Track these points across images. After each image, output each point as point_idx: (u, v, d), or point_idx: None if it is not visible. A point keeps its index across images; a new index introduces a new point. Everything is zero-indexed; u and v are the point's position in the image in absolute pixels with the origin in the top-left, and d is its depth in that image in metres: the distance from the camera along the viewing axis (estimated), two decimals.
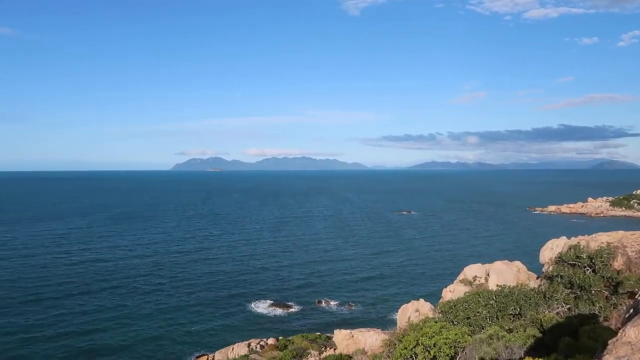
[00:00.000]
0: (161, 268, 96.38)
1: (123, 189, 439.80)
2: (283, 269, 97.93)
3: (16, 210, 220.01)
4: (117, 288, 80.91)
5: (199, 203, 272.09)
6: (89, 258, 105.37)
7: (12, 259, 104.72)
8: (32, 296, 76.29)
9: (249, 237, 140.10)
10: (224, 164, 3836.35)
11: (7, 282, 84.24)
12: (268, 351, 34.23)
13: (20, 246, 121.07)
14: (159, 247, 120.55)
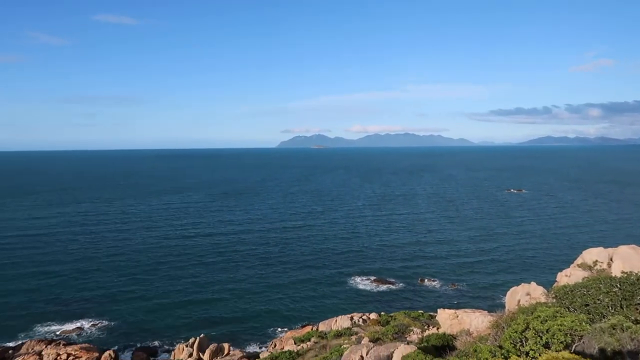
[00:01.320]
0: (268, 243, 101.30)
1: (234, 166, 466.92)
2: (385, 246, 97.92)
3: (144, 185, 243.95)
4: (228, 261, 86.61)
5: (302, 180, 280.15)
6: (202, 232, 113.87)
7: (137, 230, 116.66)
8: (153, 265, 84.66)
9: (351, 214, 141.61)
10: (326, 141, 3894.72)
11: (133, 252, 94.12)
12: (370, 325, 34.70)
13: (145, 218, 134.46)
14: (266, 223, 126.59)
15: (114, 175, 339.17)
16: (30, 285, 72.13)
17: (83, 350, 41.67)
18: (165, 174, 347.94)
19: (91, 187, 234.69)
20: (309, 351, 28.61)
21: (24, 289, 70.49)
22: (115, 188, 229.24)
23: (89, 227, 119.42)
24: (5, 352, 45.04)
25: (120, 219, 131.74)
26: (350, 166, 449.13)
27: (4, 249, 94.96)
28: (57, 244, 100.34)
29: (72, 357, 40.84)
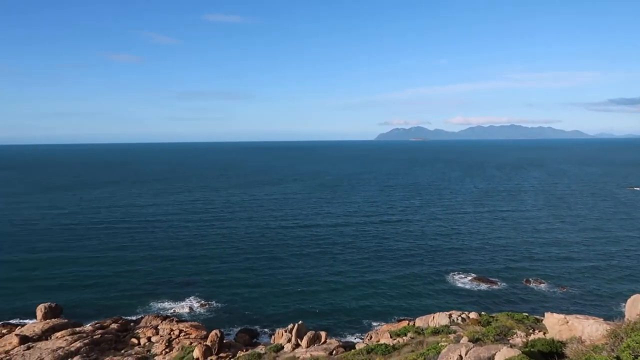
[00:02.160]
0: (364, 236, 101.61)
1: (330, 159, 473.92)
2: (487, 244, 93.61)
3: (246, 176, 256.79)
4: (325, 253, 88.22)
5: (400, 173, 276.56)
6: (301, 223, 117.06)
7: (240, 219, 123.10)
8: (254, 253, 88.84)
9: (450, 209, 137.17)
10: (426, 134, 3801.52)
11: (236, 240, 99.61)
12: (469, 325, 33.47)
13: (247, 207, 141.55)
14: (362, 216, 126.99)
15: (217, 165, 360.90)
16: (148, 267, 79.39)
17: (193, 328, 45.13)
18: (265, 165, 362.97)
19: (198, 177, 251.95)
20: (405, 346, 28.35)
21: (142, 269, 77.81)
22: (219, 178, 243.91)
23: (197, 215, 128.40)
24: (128, 324, 50.25)
25: (224, 208, 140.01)
26: (451, 159, 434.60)
27: (125, 234, 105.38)
28: (169, 229, 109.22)
29: (183, 333, 44.38)
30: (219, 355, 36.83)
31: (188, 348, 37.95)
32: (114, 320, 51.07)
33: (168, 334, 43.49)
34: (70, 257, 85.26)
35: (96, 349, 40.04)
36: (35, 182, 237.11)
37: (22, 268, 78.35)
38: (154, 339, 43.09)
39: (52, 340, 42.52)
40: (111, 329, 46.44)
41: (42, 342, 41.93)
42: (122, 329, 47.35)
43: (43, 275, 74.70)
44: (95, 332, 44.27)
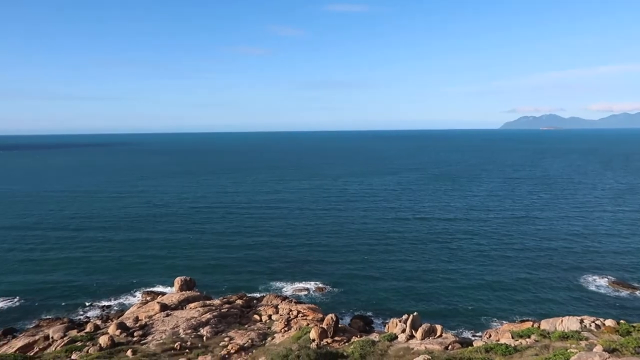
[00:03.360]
0: (485, 232, 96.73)
1: (450, 148, 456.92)
2: (630, 247, 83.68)
3: (363, 164, 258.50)
4: (442, 247, 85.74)
5: (527, 164, 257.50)
6: (417, 214, 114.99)
7: (356, 207, 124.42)
8: (370, 242, 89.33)
9: (586, 206, 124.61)
10: (559, 122, 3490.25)
11: (353, 228, 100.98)
12: (605, 333, 30.29)
13: (364, 196, 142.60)
14: (483, 210, 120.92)
15: (337, 153, 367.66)
16: (269, 250, 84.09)
17: (310, 310, 46.95)
18: (383, 154, 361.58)
19: (318, 165, 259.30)
20: (528, 348, 26.61)
21: (265, 252, 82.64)
22: (337, 166, 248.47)
23: (315, 203, 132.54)
24: (251, 301, 53.95)
25: (341, 196, 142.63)
26: (588, 150, 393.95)
27: (250, 218, 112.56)
28: (289, 215, 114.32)
29: (300, 314, 46.40)
30: (333, 339, 37.97)
31: (305, 329, 39.63)
32: (239, 296, 55.15)
33: (287, 314, 45.83)
34: (201, 237, 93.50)
35: (223, 322, 43.62)
36: (179, 166, 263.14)
37: (163, 245, 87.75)
38: (274, 317, 45.71)
39: (186, 310, 47.18)
40: (236, 305, 50.22)
41: (178, 311, 46.72)
42: (246, 305, 50.94)
43: (180, 252, 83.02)
44: (222, 306, 48.23)
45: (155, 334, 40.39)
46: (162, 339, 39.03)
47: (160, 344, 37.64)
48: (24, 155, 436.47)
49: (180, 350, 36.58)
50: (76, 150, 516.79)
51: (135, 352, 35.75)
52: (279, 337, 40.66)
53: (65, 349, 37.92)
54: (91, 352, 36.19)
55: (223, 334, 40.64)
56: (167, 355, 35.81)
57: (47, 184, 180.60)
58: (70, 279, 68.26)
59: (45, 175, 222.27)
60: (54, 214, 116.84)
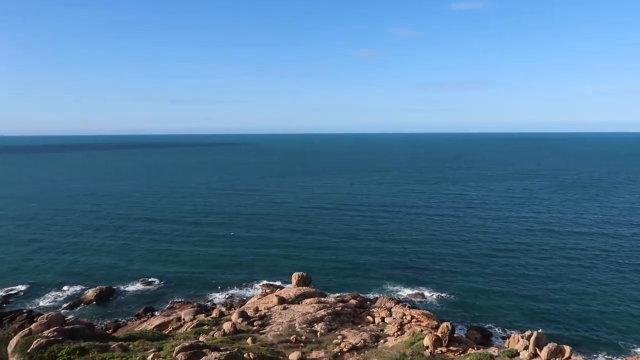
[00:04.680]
0: (623, 249, 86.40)
1: (588, 153, 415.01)
2: None
3: (483, 169, 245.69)
4: (570, 265, 78.39)
5: None
6: (543, 226, 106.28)
7: (474, 213, 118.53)
8: (489, 250, 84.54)
9: None
10: None
11: (470, 234, 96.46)
12: None
13: (482, 202, 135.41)
14: (623, 224, 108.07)
15: (454, 157, 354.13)
16: (384, 251, 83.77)
17: (424, 316, 45.81)
18: (504, 158, 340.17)
19: (433, 168, 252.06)
20: None
21: (379, 253, 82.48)
22: (456, 170, 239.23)
23: (432, 207, 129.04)
24: (365, 301, 54.16)
25: (458, 201, 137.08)
26: None
27: (368, 219, 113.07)
28: (404, 218, 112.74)
29: (414, 319, 45.47)
30: (448, 348, 36.61)
31: (419, 335, 38.77)
32: (353, 296, 55.70)
33: (400, 318, 45.21)
34: (315, 236, 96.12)
35: (337, 319, 44.35)
36: (292, 166, 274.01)
37: (279, 242, 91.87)
38: (387, 319, 45.38)
39: (302, 305, 48.82)
40: (350, 304, 50.77)
41: (295, 305, 48.52)
42: (359, 306, 51.25)
43: (295, 249, 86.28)
44: (337, 304, 49.08)
45: (272, 325, 42.39)
46: (279, 330, 40.83)
47: (277, 335, 39.42)
48: (158, 153, 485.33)
49: (295, 343, 37.93)
50: (194, 150, 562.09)
51: (255, 340, 37.85)
52: (391, 340, 40.29)
53: (194, 330, 41.43)
54: (216, 336, 39.08)
55: (336, 331, 41.32)
56: (283, 346, 37.37)
57: (175, 181, 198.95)
58: (199, 269, 74.53)
59: (172, 171, 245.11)
60: (182, 209, 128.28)
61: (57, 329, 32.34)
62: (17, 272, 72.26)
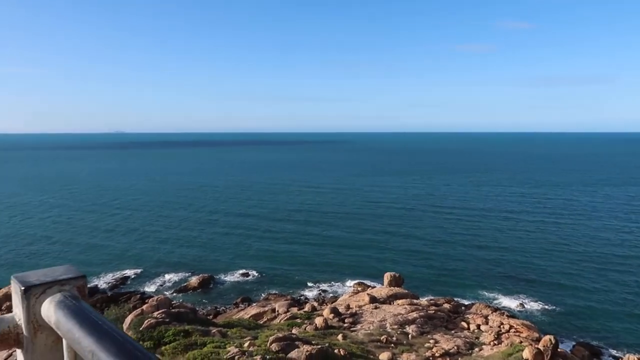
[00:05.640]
0: None
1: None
2: None
3: (596, 172, 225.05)
4: None
5: None
6: None
7: (582, 220, 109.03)
8: (603, 262, 77.38)
9: None
10: None
11: (580, 243, 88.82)
12: None
13: (593, 209, 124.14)
14: None
15: (565, 158, 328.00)
16: (481, 255, 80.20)
17: (524, 326, 43.16)
18: (632, 160, 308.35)
19: (542, 170, 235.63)
20: None
21: (476, 256, 79.14)
22: (568, 173, 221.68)
23: (536, 213, 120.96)
24: (459, 307, 52.32)
25: (565, 207, 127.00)
26: None
27: (464, 222, 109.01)
28: (505, 223, 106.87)
29: (513, 329, 43.01)
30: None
31: (518, 346, 36.60)
32: (447, 300, 54.04)
33: (497, 327, 42.98)
34: (408, 237, 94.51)
35: (429, 323, 43.30)
36: (391, 165, 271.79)
37: (374, 241, 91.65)
38: (482, 327, 43.42)
39: (393, 305, 48.33)
40: (443, 308, 49.31)
41: (386, 305, 48.16)
42: (453, 311, 49.59)
43: (388, 249, 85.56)
44: (429, 307, 47.93)
45: (363, 324, 42.46)
46: (370, 329, 40.78)
47: (367, 334, 39.42)
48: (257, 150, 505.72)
49: (386, 343, 37.66)
50: (302, 147, 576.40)
51: (345, 337, 38.18)
52: (487, 349, 38.49)
53: (287, 323, 42.78)
54: (308, 329, 40.03)
55: (428, 335, 40.37)
56: (374, 345, 37.28)
57: (272, 177, 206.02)
58: (292, 265, 76.84)
59: (270, 167, 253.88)
60: (277, 205, 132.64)
61: (165, 311, 35.13)
62: (129, 258, 79.60)
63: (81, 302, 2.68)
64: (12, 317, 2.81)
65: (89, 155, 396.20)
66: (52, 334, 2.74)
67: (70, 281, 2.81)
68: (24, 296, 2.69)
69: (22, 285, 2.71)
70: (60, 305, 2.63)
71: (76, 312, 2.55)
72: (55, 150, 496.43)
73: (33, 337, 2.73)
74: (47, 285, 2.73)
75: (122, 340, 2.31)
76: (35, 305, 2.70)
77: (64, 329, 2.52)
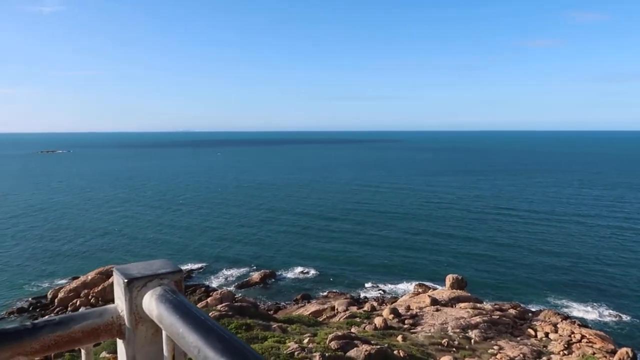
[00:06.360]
0: None
1: None
2: None
3: None
4: None
5: None
6: None
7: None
8: None
9: None
10: None
11: None
12: None
13: None
14: None
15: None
16: (551, 258, 76.36)
17: (598, 337, 40.62)
18: None
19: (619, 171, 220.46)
20: None
21: (542, 262, 75.41)
22: None
23: (611, 217, 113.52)
24: (526, 313, 50.08)
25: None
26: None
27: (530, 225, 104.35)
28: (572, 228, 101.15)
29: (585, 339, 40.61)
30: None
31: (590, 357, 34.53)
32: (512, 305, 51.88)
33: (568, 336, 40.71)
34: (471, 239, 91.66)
35: (493, 328, 41.75)
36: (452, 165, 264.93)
37: (433, 242, 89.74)
38: (551, 336, 41.30)
39: (455, 308, 47.06)
40: (509, 314, 47.39)
41: (448, 308, 46.98)
42: (519, 317, 47.54)
43: (448, 250, 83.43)
44: (493, 312, 46.22)
45: (424, 326, 41.66)
46: (431, 332, 39.94)
47: (428, 337, 38.63)
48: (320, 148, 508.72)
49: (447, 347, 36.75)
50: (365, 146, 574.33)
51: (405, 339, 37.61)
52: (556, 359, 36.58)
53: (347, 321, 42.77)
54: (367, 329, 39.81)
55: (492, 341, 38.97)
56: (434, 348, 36.47)
57: (333, 176, 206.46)
58: (352, 265, 76.75)
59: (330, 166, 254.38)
60: (335, 205, 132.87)
61: (228, 305, 36.16)
62: (192, 252, 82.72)
63: (181, 297, 2.73)
64: (114, 308, 2.88)
65: (158, 153, 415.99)
66: (152, 326, 2.79)
67: (169, 275, 2.86)
68: (127, 288, 2.73)
69: (125, 277, 2.76)
70: (162, 299, 2.68)
71: (178, 307, 2.58)
72: (126, 149, 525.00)
73: (135, 329, 2.78)
74: (148, 278, 2.78)
75: (229, 337, 2.31)
76: (137, 297, 2.75)
77: (167, 323, 2.54)
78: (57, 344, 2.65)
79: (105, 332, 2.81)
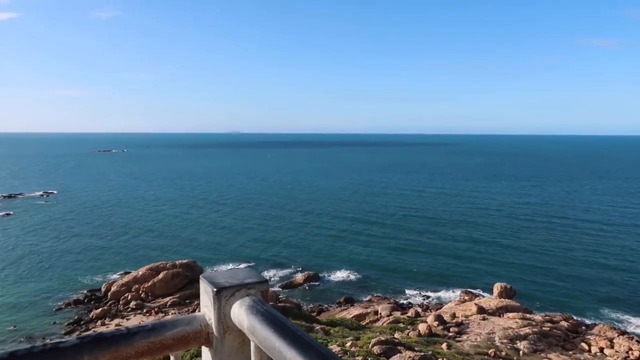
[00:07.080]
0: None
1: None
2: None
3: None
4: None
5: None
6: None
7: None
8: None
9: None
10: None
11: None
12: None
13: None
14: None
15: None
16: (606, 270, 72.82)
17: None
18: None
19: None
20: None
21: (597, 273, 71.94)
22: None
23: None
24: (579, 326, 47.90)
25: None
26: None
27: (584, 233, 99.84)
28: (629, 238, 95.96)
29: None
30: None
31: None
32: (564, 317, 49.74)
33: (625, 352, 38.62)
34: (518, 248, 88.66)
35: (544, 340, 40.15)
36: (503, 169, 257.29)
37: (480, 249, 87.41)
38: (606, 351, 39.29)
39: (503, 318, 45.62)
40: (560, 326, 45.46)
41: (495, 318, 45.61)
42: (572, 330, 45.51)
43: (497, 258, 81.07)
44: (544, 323, 44.46)
45: (470, 335, 40.62)
46: (477, 341, 38.89)
47: (474, 346, 37.62)
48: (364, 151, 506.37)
49: (494, 357, 35.66)
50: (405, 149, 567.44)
51: (450, 346, 36.78)
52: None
53: (390, 326, 42.31)
54: (410, 335, 39.22)
55: (542, 353, 37.49)
56: (480, 358, 35.47)
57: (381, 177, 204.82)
58: (397, 271, 75.91)
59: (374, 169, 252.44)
60: (380, 209, 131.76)
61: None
62: (235, 252, 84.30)
63: (271, 309, 2.73)
64: (202, 316, 2.86)
65: (207, 154, 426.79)
66: (239, 336, 2.78)
67: (256, 285, 2.85)
68: (216, 297, 2.73)
69: (214, 286, 2.76)
70: (252, 310, 2.64)
71: (271, 320, 2.54)
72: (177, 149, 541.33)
73: (222, 338, 2.78)
74: (236, 288, 2.78)
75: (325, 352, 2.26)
76: (225, 307, 2.75)
77: (261, 335, 2.50)
78: (150, 350, 2.64)
79: (194, 339, 2.81)
